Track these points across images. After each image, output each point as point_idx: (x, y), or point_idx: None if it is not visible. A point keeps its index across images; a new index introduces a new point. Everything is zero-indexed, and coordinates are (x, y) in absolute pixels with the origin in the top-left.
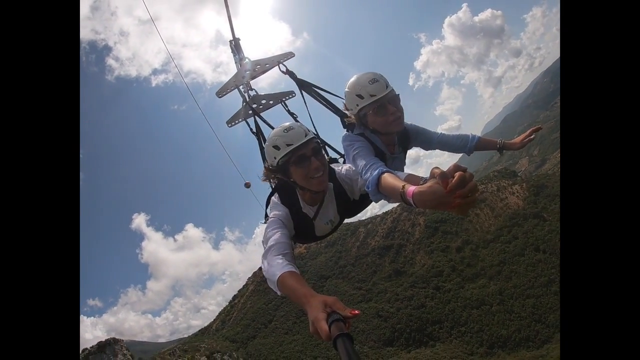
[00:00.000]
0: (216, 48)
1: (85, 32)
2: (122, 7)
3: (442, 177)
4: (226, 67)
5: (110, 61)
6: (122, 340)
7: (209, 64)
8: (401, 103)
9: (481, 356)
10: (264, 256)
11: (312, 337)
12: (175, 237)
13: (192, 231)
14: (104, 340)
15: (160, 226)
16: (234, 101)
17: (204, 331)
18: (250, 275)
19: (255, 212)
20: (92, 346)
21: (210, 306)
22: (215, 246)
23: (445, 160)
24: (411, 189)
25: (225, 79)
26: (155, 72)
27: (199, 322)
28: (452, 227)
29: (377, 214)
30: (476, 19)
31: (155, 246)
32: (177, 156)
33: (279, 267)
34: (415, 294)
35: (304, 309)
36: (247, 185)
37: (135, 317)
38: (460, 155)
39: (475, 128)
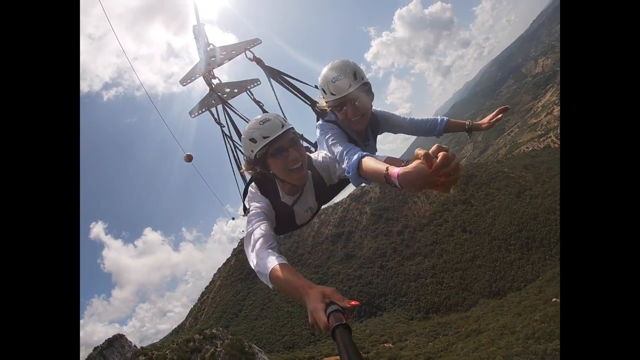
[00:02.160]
0: (167, 60)
1: None
2: None
3: (427, 157)
4: (177, 78)
5: None
6: (125, 336)
7: (160, 75)
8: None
9: (419, 320)
10: (251, 250)
11: (279, 319)
12: (135, 242)
13: (150, 235)
14: (111, 336)
15: (119, 233)
16: (189, 104)
17: (177, 330)
18: (215, 272)
19: (211, 210)
20: (102, 343)
21: (176, 308)
22: (176, 248)
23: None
24: (395, 170)
25: (177, 90)
26: (106, 86)
27: (166, 326)
28: (393, 213)
29: (325, 205)
30: (426, 11)
31: (116, 254)
32: (129, 163)
33: (269, 260)
34: (364, 273)
35: (301, 301)
36: (189, 159)
37: (103, 327)
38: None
39: (426, 115)
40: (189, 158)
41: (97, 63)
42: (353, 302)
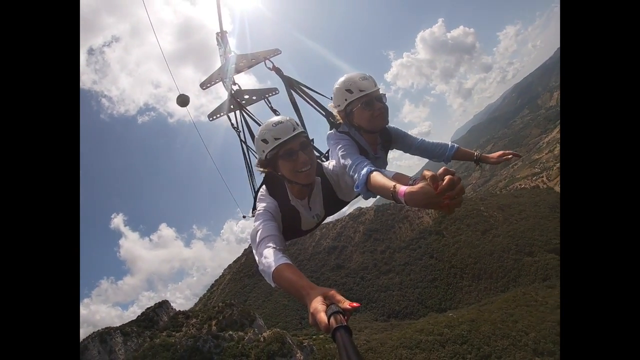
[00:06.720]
0: (198, 96)
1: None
2: (116, 60)
3: (434, 179)
4: (205, 109)
5: (103, 100)
6: (168, 301)
7: (190, 105)
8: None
9: (381, 321)
10: (256, 248)
11: (276, 310)
12: (151, 236)
13: (165, 231)
14: (160, 301)
15: (136, 226)
16: (213, 131)
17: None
18: (225, 268)
19: (222, 211)
20: (155, 304)
21: (178, 300)
22: (187, 244)
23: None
24: (402, 189)
25: (203, 119)
26: (140, 111)
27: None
28: (381, 235)
29: (329, 220)
30: (449, 35)
31: (132, 244)
32: (155, 172)
33: (273, 259)
34: (347, 281)
35: (302, 301)
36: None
37: (106, 309)
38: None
39: (446, 134)
40: (182, 102)
41: (135, 91)
42: (354, 304)
